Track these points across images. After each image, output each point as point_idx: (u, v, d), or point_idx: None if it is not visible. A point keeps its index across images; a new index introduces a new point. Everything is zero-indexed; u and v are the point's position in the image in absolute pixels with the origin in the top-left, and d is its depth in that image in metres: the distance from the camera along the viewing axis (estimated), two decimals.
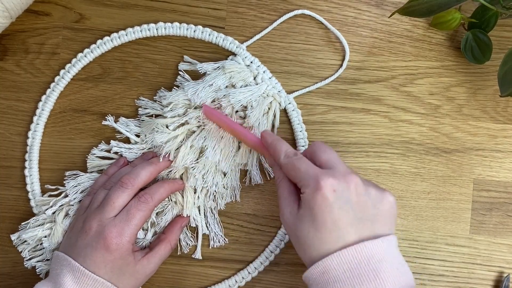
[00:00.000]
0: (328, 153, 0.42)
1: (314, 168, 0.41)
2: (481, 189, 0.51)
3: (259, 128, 0.48)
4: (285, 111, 0.51)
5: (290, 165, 0.42)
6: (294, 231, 0.40)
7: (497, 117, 0.51)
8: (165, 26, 0.50)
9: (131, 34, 0.50)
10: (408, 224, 0.51)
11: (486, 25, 0.49)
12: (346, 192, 0.39)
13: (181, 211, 0.49)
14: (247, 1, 0.51)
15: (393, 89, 0.51)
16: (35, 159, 0.50)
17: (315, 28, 0.51)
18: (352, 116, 0.51)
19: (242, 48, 0.50)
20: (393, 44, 0.51)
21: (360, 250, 0.38)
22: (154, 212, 0.48)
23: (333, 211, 0.38)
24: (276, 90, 0.50)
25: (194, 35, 0.50)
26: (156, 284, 0.51)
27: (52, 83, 0.51)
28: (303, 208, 0.40)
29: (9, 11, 0.47)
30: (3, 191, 0.51)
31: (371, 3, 0.51)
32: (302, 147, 0.50)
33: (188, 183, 0.48)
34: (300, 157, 0.42)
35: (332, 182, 0.39)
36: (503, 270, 0.51)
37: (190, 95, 0.48)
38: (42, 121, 0.51)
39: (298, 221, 0.40)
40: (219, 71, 0.49)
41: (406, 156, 0.51)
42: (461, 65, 0.51)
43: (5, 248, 0.51)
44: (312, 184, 0.39)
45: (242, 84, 0.49)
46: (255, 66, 0.50)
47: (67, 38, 0.51)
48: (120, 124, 0.50)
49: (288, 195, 0.42)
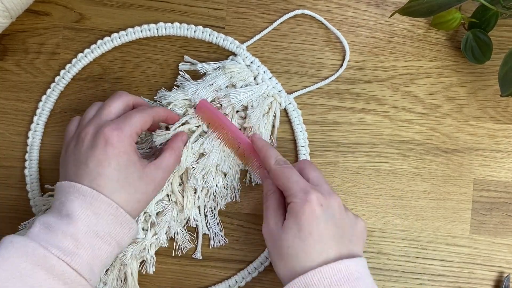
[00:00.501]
0: (316, 171, 0.44)
1: (304, 181, 0.42)
2: (481, 189, 0.51)
3: (260, 129, 0.48)
4: (285, 111, 0.51)
5: (281, 172, 0.43)
6: (277, 242, 0.41)
7: (498, 117, 0.51)
8: (165, 26, 0.50)
9: (131, 34, 0.50)
10: (408, 224, 0.51)
11: (487, 25, 0.49)
12: (331, 209, 0.41)
13: (181, 211, 0.49)
14: (247, 1, 0.51)
15: (393, 89, 0.51)
16: (35, 159, 0.50)
17: (315, 28, 0.51)
18: (352, 116, 0.51)
19: (243, 48, 0.50)
20: (393, 44, 0.51)
21: (341, 267, 0.39)
22: (154, 212, 0.48)
23: (320, 224, 0.40)
24: (277, 90, 0.50)
25: (194, 35, 0.50)
26: (156, 284, 0.51)
27: (52, 83, 0.51)
28: (290, 218, 0.41)
29: (9, 11, 0.47)
30: (3, 191, 0.51)
31: (371, 3, 0.51)
32: (302, 147, 0.50)
33: (189, 183, 0.48)
34: (290, 166, 0.43)
35: (320, 197, 0.40)
36: (503, 270, 0.51)
37: (191, 94, 0.48)
38: (42, 121, 0.51)
39: (282, 232, 0.41)
40: (219, 71, 0.49)
41: (406, 156, 0.51)
42: (461, 65, 0.51)
43: None
44: (301, 196, 0.40)
45: (243, 84, 0.49)
46: (255, 66, 0.50)
47: (67, 38, 0.51)
48: None
49: (277, 208, 0.43)
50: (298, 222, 0.40)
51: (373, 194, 0.51)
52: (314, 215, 0.40)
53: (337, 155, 0.51)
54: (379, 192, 0.51)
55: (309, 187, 0.41)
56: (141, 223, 0.48)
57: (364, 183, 0.51)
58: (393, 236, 0.51)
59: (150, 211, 0.48)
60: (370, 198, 0.51)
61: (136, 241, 0.48)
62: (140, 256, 0.48)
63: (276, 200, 0.43)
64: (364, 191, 0.51)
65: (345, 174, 0.51)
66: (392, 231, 0.51)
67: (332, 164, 0.51)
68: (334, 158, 0.51)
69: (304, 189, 0.41)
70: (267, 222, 0.42)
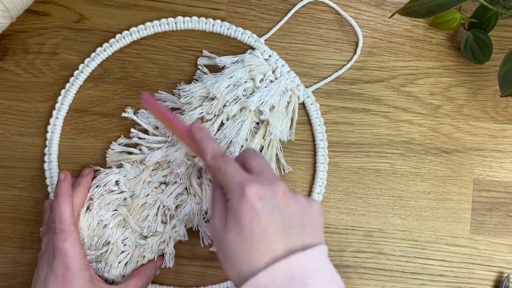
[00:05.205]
0: (259, 160, 0.40)
1: (241, 173, 0.38)
2: (481, 189, 0.51)
3: (279, 126, 0.48)
4: (303, 105, 0.51)
5: (217, 168, 0.39)
6: (222, 243, 0.37)
7: (497, 117, 0.51)
8: (184, 20, 0.50)
9: (150, 28, 0.50)
10: (408, 224, 0.51)
11: (486, 25, 0.49)
12: (274, 200, 0.37)
13: (200, 203, 0.49)
14: (247, 1, 0.51)
15: (393, 89, 0.51)
16: (54, 151, 0.51)
17: (315, 28, 0.51)
18: (352, 116, 0.51)
19: (261, 42, 0.50)
20: (393, 44, 0.51)
21: (292, 262, 0.35)
22: (173, 205, 0.49)
23: (261, 219, 0.36)
24: (295, 84, 0.50)
25: (212, 29, 0.50)
26: (156, 284, 0.51)
27: (67, 83, 0.51)
28: (229, 217, 0.37)
29: (9, 11, 0.47)
30: (3, 191, 0.51)
31: (371, 3, 0.51)
32: (320, 140, 0.50)
33: (207, 176, 0.48)
34: (227, 159, 0.40)
35: (258, 189, 0.37)
36: (503, 270, 0.51)
37: (209, 86, 0.48)
38: (62, 115, 0.51)
39: (225, 232, 0.37)
40: (238, 64, 0.49)
41: (406, 156, 0.51)
42: (461, 65, 0.52)
43: (5, 248, 0.51)
44: (238, 190, 0.37)
45: (261, 78, 0.49)
46: (273, 60, 0.50)
47: (67, 38, 0.51)
48: (140, 116, 0.50)
49: (222, 201, 0.39)
50: (238, 221, 0.36)
51: (373, 194, 0.51)
52: (253, 210, 0.36)
53: (337, 155, 0.51)
54: (379, 192, 0.51)
55: (246, 179, 0.37)
56: (160, 216, 0.49)
57: (364, 183, 0.51)
58: (393, 236, 0.51)
59: (169, 205, 0.49)
60: (370, 198, 0.51)
61: (155, 234, 0.48)
62: (159, 249, 0.49)
63: (222, 195, 0.39)
64: (364, 191, 0.51)
65: (345, 174, 0.51)
66: (392, 231, 0.51)
67: (332, 164, 0.51)
68: (334, 158, 0.51)
69: (240, 183, 0.37)
70: (212, 220, 0.39)
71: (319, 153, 0.51)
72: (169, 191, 0.49)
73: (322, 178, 0.50)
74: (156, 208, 0.49)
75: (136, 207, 0.48)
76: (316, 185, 0.50)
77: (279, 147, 0.50)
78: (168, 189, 0.49)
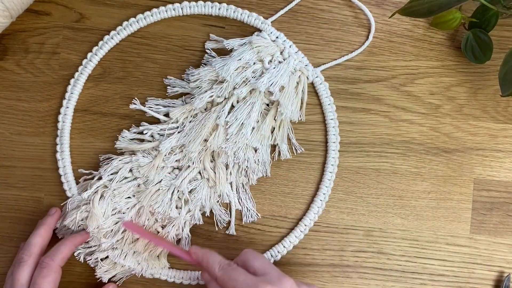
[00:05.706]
0: (259, 259, 0.43)
1: (251, 277, 0.42)
2: (481, 189, 0.51)
3: (289, 106, 0.48)
4: (312, 85, 0.51)
5: (227, 277, 0.42)
6: None
7: (498, 117, 0.51)
8: (190, 5, 0.50)
9: (156, 14, 0.51)
10: (409, 224, 0.51)
11: (487, 25, 0.49)
12: None
13: (214, 187, 0.49)
14: (247, 1, 0.51)
15: (393, 88, 0.51)
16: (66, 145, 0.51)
17: (315, 28, 0.51)
18: (353, 116, 0.51)
19: (267, 23, 0.50)
20: (394, 44, 0.51)
21: None
22: (187, 190, 0.49)
23: None
24: (303, 64, 0.50)
25: (219, 13, 0.51)
26: (157, 284, 0.51)
27: (76, 73, 0.51)
28: None
29: (10, 10, 0.47)
30: (3, 191, 0.51)
31: (371, 3, 0.51)
32: (331, 120, 0.51)
33: (220, 159, 0.48)
34: (235, 268, 0.43)
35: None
36: (503, 270, 0.51)
37: (218, 69, 0.48)
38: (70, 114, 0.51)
39: None
40: (246, 46, 0.49)
41: (406, 155, 0.51)
42: (461, 65, 0.52)
43: (5, 248, 0.51)
44: None
45: (270, 59, 0.49)
46: (281, 41, 0.50)
47: (68, 38, 0.51)
48: (149, 105, 0.50)
49: None
50: None
51: (373, 194, 0.51)
52: None
53: None
54: (379, 192, 0.51)
55: (258, 282, 0.41)
56: (175, 201, 0.49)
57: (364, 183, 0.51)
58: (393, 235, 0.51)
59: (183, 189, 0.49)
60: (370, 198, 0.51)
61: (170, 220, 0.48)
62: (175, 234, 0.49)
63: None
64: (365, 190, 0.51)
65: (345, 174, 0.51)
66: (392, 231, 0.51)
67: None
68: None
69: (253, 286, 0.41)
70: None
71: (330, 132, 0.51)
72: (183, 176, 0.49)
73: (334, 157, 0.51)
74: (170, 194, 0.49)
75: (150, 193, 0.49)
76: (328, 164, 0.51)
77: (290, 128, 0.50)
78: (182, 174, 0.49)
